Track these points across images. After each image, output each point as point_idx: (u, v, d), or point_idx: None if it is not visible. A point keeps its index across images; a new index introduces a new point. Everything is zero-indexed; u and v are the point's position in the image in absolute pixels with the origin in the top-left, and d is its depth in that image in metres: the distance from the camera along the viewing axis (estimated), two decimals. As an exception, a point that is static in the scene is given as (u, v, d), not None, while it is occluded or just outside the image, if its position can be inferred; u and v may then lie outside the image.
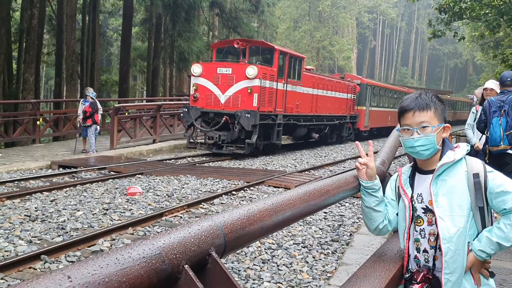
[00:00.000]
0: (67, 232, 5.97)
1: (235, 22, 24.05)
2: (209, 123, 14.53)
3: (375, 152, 2.39)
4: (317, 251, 5.80)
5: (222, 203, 8.14)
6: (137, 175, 10.30)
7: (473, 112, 7.24)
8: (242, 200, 8.46)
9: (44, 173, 10.45)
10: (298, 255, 5.63)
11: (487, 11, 15.54)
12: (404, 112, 1.97)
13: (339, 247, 6.00)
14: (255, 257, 5.43)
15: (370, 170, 2.11)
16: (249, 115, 13.60)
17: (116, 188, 8.85)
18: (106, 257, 1.07)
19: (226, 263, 5.02)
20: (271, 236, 6.12)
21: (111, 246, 5.56)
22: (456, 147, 1.98)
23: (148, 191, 8.74)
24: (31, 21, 18.69)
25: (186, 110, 14.63)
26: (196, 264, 1.29)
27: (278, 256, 5.54)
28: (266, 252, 5.63)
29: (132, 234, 6.08)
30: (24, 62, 20.30)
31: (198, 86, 14.70)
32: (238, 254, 5.42)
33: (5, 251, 5.19)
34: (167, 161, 13.29)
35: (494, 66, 31.49)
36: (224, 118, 13.97)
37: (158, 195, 8.43)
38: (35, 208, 7.04)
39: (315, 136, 18.99)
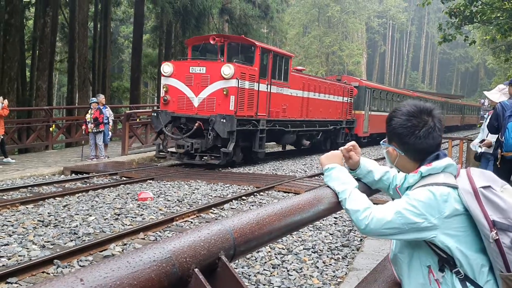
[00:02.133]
0: (80, 237, 6.03)
1: (244, 28, 24.16)
2: (182, 129, 13.00)
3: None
4: (327, 256, 5.79)
5: (232, 208, 8.17)
6: (148, 181, 10.37)
7: (484, 117, 7.09)
8: (252, 205, 8.48)
9: (56, 178, 10.56)
10: (308, 260, 5.63)
11: (498, 15, 15.45)
12: None
13: (349, 252, 5.99)
14: (265, 262, 5.44)
15: (352, 161, 2.06)
16: (224, 120, 11.94)
17: (128, 194, 8.92)
18: (118, 260, 1.09)
19: (236, 268, 5.04)
20: (281, 241, 6.13)
21: (122, 250, 5.60)
22: (426, 167, 1.75)
23: (159, 196, 8.80)
24: (44, 29, 18.95)
25: (155, 115, 13.08)
26: (206, 267, 1.31)
27: (288, 261, 5.54)
28: (276, 257, 5.63)
29: (143, 239, 6.12)
30: (37, 69, 20.58)
31: (168, 87, 13.09)
32: (248, 259, 5.43)
33: (19, 255, 5.26)
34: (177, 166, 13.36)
35: (506, 69, 31.18)
36: (196, 124, 12.28)
37: (169, 200, 8.48)
38: (48, 213, 7.12)
39: (305, 143, 17.29)
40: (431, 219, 1.63)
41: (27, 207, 7.54)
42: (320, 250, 6.03)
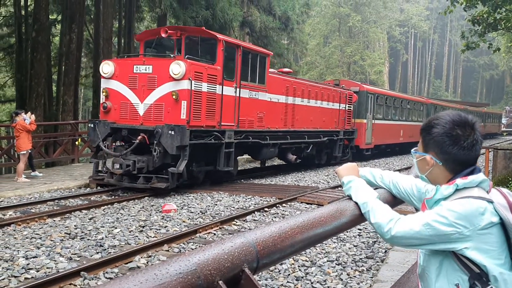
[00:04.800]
0: (105, 249, 6.13)
1: (265, 40, 24.32)
2: (125, 144, 10.73)
3: (408, 168, 2.37)
4: (351, 268, 5.75)
5: (254, 219, 8.18)
6: (172, 193, 10.47)
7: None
8: (275, 217, 8.48)
9: (83, 191, 10.76)
10: (332, 272, 5.59)
11: (523, 21, 15.19)
12: None
13: (374, 264, 5.93)
14: (289, 274, 5.43)
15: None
16: (172, 132, 9.66)
17: (152, 206, 9.03)
18: (145, 272, 1.13)
19: (259, 280, 5.04)
20: (305, 253, 6.11)
21: (147, 262, 5.67)
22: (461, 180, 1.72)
23: (182, 208, 8.88)
24: (69, 45, 19.44)
25: (92, 126, 10.68)
26: (229, 280, 1.34)
27: (312, 273, 5.52)
28: (299, 269, 5.62)
29: (168, 251, 6.18)
30: (63, 84, 21.07)
31: (109, 91, 10.74)
32: (271, 271, 5.43)
33: (47, 267, 5.37)
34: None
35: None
36: (139, 137, 9.98)
37: (192, 212, 8.55)
38: (75, 226, 7.26)
39: (291, 158, 14.74)
40: (464, 231, 1.61)
41: (54, 220, 7.70)
42: (344, 262, 5.99)
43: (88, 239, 6.57)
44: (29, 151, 12.07)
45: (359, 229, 7.55)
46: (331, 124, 17.14)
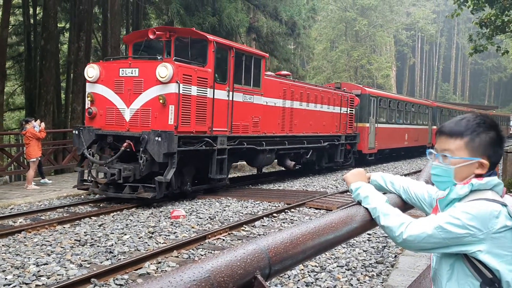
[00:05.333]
0: (115, 256, 6.15)
1: (271, 46, 24.35)
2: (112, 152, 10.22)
3: (418, 171, 2.37)
4: (361, 274, 5.73)
5: (263, 225, 8.18)
6: (180, 199, 10.49)
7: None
8: (284, 223, 8.47)
9: (92, 198, 10.81)
10: (342, 277, 5.58)
11: (531, 24, 15.11)
12: (438, 133, 1.83)
13: (384, 269, 5.91)
14: (299, 280, 5.42)
15: None
16: (159, 139, 9.17)
17: (161, 212, 9.06)
18: (160, 280, 1.14)
19: (270, 286, 5.03)
20: (314, 258, 6.09)
21: (157, 269, 5.69)
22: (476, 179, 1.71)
23: (191, 214, 8.90)
24: (78, 53, 19.61)
25: (76, 133, 10.18)
26: (242, 286, 1.34)
27: (321, 279, 5.50)
28: (309, 275, 5.60)
29: (177, 257, 6.20)
30: (72, 92, 21.22)
31: (94, 96, 10.27)
32: (281, 277, 5.42)
33: (58, 274, 5.40)
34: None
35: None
36: (124, 144, 9.51)
37: (200, 218, 8.57)
38: (85, 232, 7.30)
39: (290, 164, 14.15)
40: (477, 233, 1.59)
41: (64, 227, 7.74)
42: (354, 267, 5.97)
43: (98, 246, 6.60)
44: (39, 159, 12.16)
45: (368, 234, 7.53)
46: (331, 128, 16.60)
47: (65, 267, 5.64)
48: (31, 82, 21.92)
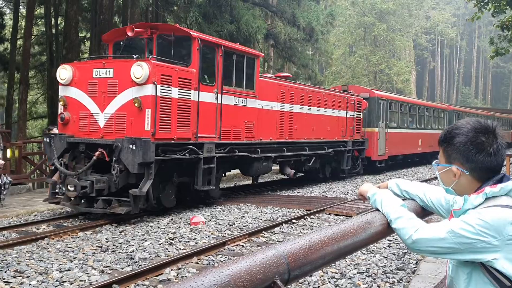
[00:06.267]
0: (136, 262, 6.22)
1: (289, 51, 24.40)
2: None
3: (433, 178, 2.35)
4: (382, 280, 5.68)
5: (282, 231, 8.17)
6: (200, 205, 10.55)
7: None
8: (303, 229, 8.45)
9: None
10: (362, 284, 5.54)
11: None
12: None
13: (405, 276, 5.84)
14: (318, 287, 5.40)
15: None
16: (133, 147, 8.23)
17: (181, 218, 9.13)
18: (182, 284, 1.17)
19: (289, 292, 5.03)
20: (334, 264, 6.06)
21: (177, 275, 5.73)
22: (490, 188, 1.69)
23: (210, 220, 8.94)
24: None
25: (47, 140, 9.29)
26: (262, 291, 1.36)
27: (341, 285, 5.47)
28: (329, 281, 5.58)
29: (197, 263, 6.23)
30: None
31: (67, 100, 9.36)
32: (301, 283, 5.41)
33: (80, 280, 5.49)
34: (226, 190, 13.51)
35: None
36: (96, 153, 8.58)
37: (220, 224, 8.60)
38: (106, 239, 7.40)
39: (289, 173, 13.22)
40: (491, 240, 1.57)
41: (86, 233, 7.86)
42: (374, 273, 5.92)
43: (119, 252, 6.68)
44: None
45: (389, 240, 7.46)
46: (337, 133, 15.50)
47: (87, 273, 5.73)
48: (53, 91, 22.32)
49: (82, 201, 8.81)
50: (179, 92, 9.10)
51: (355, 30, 46.12)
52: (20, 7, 21.52)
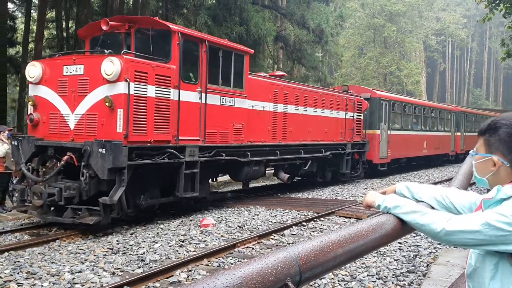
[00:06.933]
0: (147, 264, 6.25)
1: (299, 54, 24.38)
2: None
3: (449, 179, 2.34)
4: (392, 283, 5.65)
5: (292, 234, 8.16)
6: (209, 207, 10.57)
7: None
8: (313, 231, 8.44)
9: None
10: (373, 287, 5.52)
11: None
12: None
13: (415, 279, 5.81)
14: (329, 289, 5.38)
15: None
16: (103, 151, 7.51)
17: (191, 220, 9.15)
18: (194, 286, 1.18)
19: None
20: (344, 267, 6.04)
21: (188, 277, 5.75)
22: None
23: (220, 222, 8.96)
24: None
25: (15, 144, 8.67)
26: (273, 293, 1.37)
27: (352, 288, 5.45)
28: (339, 284, 5.56)
29: (207, 265, 6.25)
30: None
31: (36, 100, 8.70)
32: (311, 286, 5.40)
33: (91, 282, 5.53)
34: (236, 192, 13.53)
35: None
36: (65, 157, 7.91)
37: (230, 226, 8.62)
38: (117, 241, 7.44)
39: (283, 177, 12.55)
40: None
41: (97, 235, 7.91)
42: (385, 276, 5.89)
43: (130, 254, 6.72)
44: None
45: (399, 242, 7.42)
46: (335, 135, 14.82)
47: (99, 275, 5.77)
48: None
49: (52, 209, 8.15)
50: (156, 90, 8.35)
51: (365, 32, 45.99)
52: (32, 10, 21.74)
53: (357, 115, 16.26)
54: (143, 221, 8.97)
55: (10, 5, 20.37)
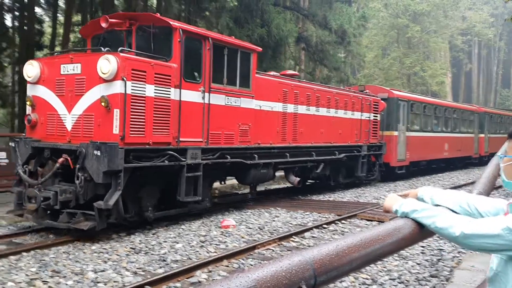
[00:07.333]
0: (168, 264, 6.32)
1: (321, 54, 24.26)
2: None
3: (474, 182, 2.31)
4: (414, 287, 5.58)
5: (313, 236, 8.14)
6: (230, 208, 10.62)
7: None
8: (334, 234, 8.39)
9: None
10: (394, 291, 5.45)
11: None
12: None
13: (438, 283, 5.73)
14: (349, 292, 5.35)
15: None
16: (98, 153, 7.18)
17: (211, 221, 9.21)
18: (209, 287, 1.20)
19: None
20: (365, 270, 6.00)
21: (208, 277, 5.79)
22: None
23: (240, 224, 8.99)
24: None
25: (13, 145, 8.44)
26: (287, 297, 1.38)
27: (373, 291, 5.40)
28: (360, 287, 5.52)
29: (227, 266, 6.28)
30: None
31: (34, 100, 8.45)
32: (331, 288, 5.38)
33: (114, 281, 5.62)
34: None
35: None
36: (60, 160, 7.59)
37: (250, 228, 8.64)
38: (139, 241, 7.54)
39: (294, 181, 11.93)
40: None
41: (119, 235, 8.02)
42: (406, 280, 5.83)
43: (151, 254, 6.80)
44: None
45: (422, 246, 7.32)
46: (350, 137, 14.19)
47: (121, 274, 5.86)
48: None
49: (48, 213, 7.86)
50: (155, 90, 7.94)
51: (388, 32, 45.49)
52: (58, 14, 22.19)
53: (374, 116, 15.62)
54: (165, 221, 9.05)
55: (38, 10, 20.85)
